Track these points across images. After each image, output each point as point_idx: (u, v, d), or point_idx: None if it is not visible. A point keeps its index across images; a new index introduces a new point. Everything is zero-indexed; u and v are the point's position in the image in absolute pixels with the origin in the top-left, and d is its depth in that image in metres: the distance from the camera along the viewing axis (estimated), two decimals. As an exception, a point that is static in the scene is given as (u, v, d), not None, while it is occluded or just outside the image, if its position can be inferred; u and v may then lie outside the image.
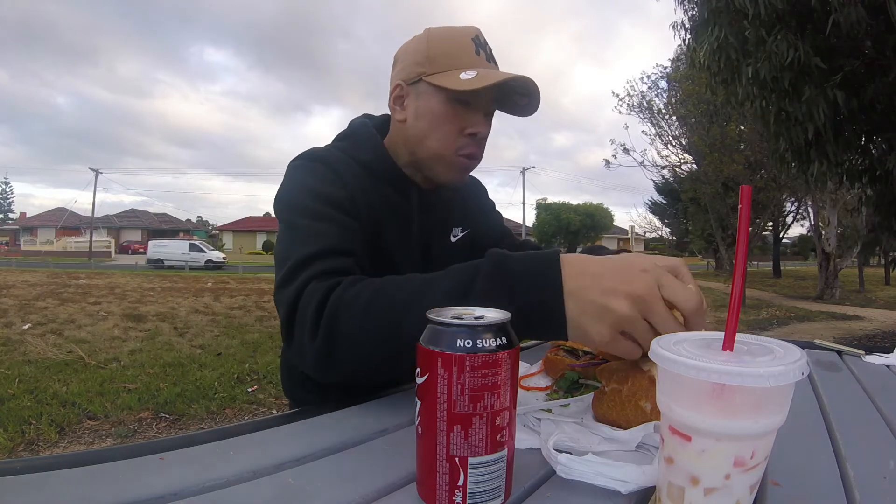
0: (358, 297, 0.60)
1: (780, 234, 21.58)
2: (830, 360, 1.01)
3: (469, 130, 0.84)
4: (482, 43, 0.85)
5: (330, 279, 0.64)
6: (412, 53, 0.85)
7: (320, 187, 0.79)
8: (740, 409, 0.33)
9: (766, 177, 12.58)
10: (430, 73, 0.82)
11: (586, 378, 0.70)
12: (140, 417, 3.25)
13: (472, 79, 0.78)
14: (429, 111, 0.83)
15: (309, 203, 0.77)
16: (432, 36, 0.84)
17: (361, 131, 0.92)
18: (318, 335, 0.61)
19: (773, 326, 8.42)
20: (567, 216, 34.37)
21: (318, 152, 0.86)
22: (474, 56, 0.82)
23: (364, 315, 0.59)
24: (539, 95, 0.84)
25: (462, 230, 1.01)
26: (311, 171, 0.83)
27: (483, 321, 0.39)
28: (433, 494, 0.39)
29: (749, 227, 0.38)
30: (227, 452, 0.49)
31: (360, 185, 0.83)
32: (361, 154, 0.88)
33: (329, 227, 0.74)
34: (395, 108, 0.88)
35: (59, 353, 4.84)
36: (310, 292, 0.63)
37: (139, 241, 45.03)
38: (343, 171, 0.83)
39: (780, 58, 3.99)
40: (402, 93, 0.86)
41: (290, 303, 0.65)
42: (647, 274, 0.52)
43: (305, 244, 0.70)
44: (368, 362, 0.61)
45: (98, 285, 11.96)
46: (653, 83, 16.50)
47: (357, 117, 0.98)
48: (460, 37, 0.83)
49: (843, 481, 0.47)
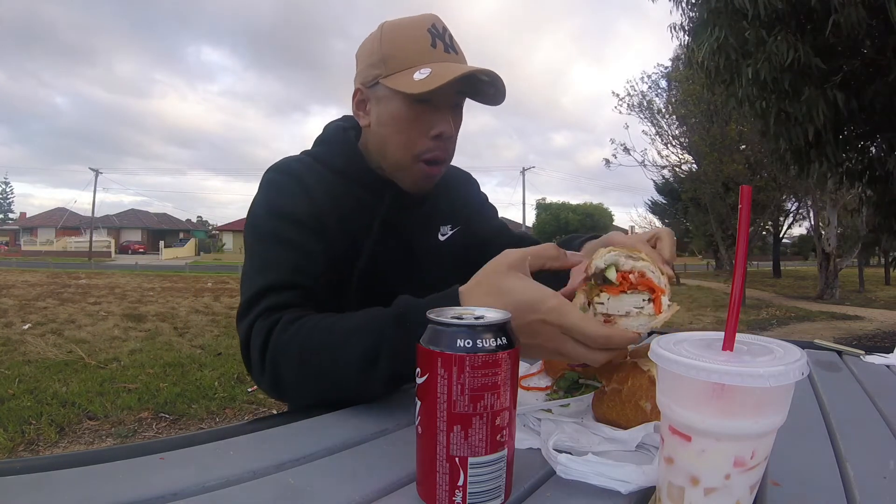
0: (289, 346, 0.65)
1: (780, 234, 21.59)
2: (830, 360, 1.01)
3: (433, 132, 0.80)
4: (439, 32, 0.80)
5: (273, 316, 0.69)
6: (367, 55, 0.82)
7: (284, 205, 0.79)
8: (740, 409, 0.33)
9: (766, 177, 12.59)
10: (385, 75, 0.78)
11: (586, 378, 0.69)
12: (140, 417, 3.25)
13: (425, 78, 0.74)
14: (389, 116, 0.80)
15: (270, 226, 0.78)
16: (385, 33, 0.80)
17: (335, 136, 0.90)
18: (264, 373, 0.67)
19: (773, 326, 8.42)
20: (566, 216, 34.39)
21: (288, 164, 0.84)
22: (430, 49, 0.78)
23: (298, 364, 0.64)
24: (503, 84, 0.79)
25: (451, 228, 0.98)
26: (278, 186, 0.82)
27: (483, 321, 0.39)
28: (433, 494, 0.39)
29: (749, 227, 0.38)
30: (227, 452, 0.49)
31: (331, 194, 0.82)
32: (334, 160, 0.86)
33: (284, 254, 0.75)
34: (358, 112, 0.86)
35: (59, 353, 4.84)
36: (255, 332, 0.68)
37: (139, 241, 45.07)
38: (312, 184, 0.81)
39: (780, 58, 3.99)
40: (363, 97, 0.84)
41: (242, 339, 0.71)
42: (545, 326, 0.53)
43: (259, 275, 0.74)
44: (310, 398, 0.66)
45: (98, 285, 11.96)
46: (653, 83, 16.50)
47: (334, 121, 0.95)
48: (414, 30, 0.79)
49: (843, 481, 0.47)
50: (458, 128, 0.85)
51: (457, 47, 0.82)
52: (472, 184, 1.09)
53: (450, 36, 0.82)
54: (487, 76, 0.77)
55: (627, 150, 15.57)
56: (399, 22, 0.81)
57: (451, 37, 0.82)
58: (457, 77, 0.73)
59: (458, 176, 1.07)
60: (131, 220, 47.63)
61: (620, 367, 0.59)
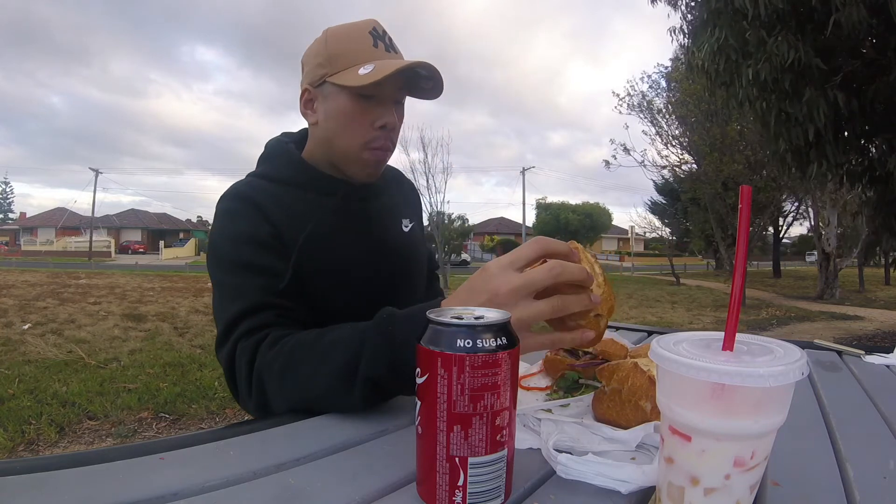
0: (274, 363, 0.66)
1: (780, 234, 21.59)
2: (830, 360, 1.01)
3: (378, 123, 0.84)
4: (380, 34, 0.85)
5: (254, 336, 0.71)
6: (314, 56, 0.86)
7: (242, 230, 0.81)
8: (740, 409, 0.33)
9: (766, 177, 12.58)
10: (331, 74, 0.83)
11: (586, 378, 0.70)
12: (140, 417, 3.25)
13: (370, 72, 0.79)
14: (336, 110, 0.84)
15: (231, 254, 0.79)
16: (330, 36, 0.85)
17: (276, 150, 0.93)
18: (251, 394, 0.69)
19: (773, 326, 8.42)
20: (566, 216, 34.38)
21: (237, 190, 0.86)
22: (372, 49, 0.83)
23: (281, 381, 0.65)
24: (441, 77, 0.84)
25: (410, 221, 1.02)
26: (232, 213, 0.83)
27: (483, 321, 0.39)
28: (433, 494, 0.39)
29: (749, 227, 0.38)
30: (227, 452, 0.49)
31: (284, 208, 0.84)
32: (281, 173, 0.89)
33: (251, 278, 0.77)
34: (306, 112, 0.90)
35: (59, 353, 4.84)
36: (240, 353, 0.71)
37: (139, 240, 45.07)
38: (265, 203, 0.83)
39: (781, 59, 3.99)
40: (311, 96, 0.88)
41: (225, 366, 0.74)
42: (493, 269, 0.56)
43: (231, 304, 0.75)
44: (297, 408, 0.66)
45: (98, 285, 11.96)
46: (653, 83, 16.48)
47: (273, 137, 0.98)
48: (357, 32, 0.84)
49: (843, 481, 0.47)
50: (401, 122, 0.89)
51: (396, 48, 0.88)
52: (413, 187, 1.15)
53: (389, 38, 0.87)
54: (426, 70, 0.82)
55: (627, 150, 15.55)
56: (342, 26, 0.87)
57: (390, 39, 0.88)
58: (399, 69, 0.78)
59: (404, 177, 1.12)
60: (131, 220, 47.61)
61: (620, 367, 0.59)
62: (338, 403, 0.62)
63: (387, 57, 0.84)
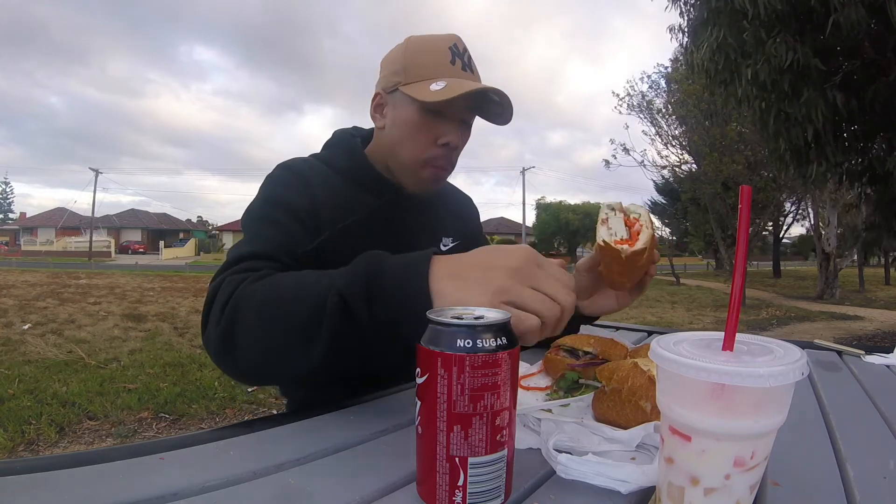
0: (257, 287, 0.63)
1: (780, 234, 21.58)
2: (830, 360, 1.01)
3: (442, 140, 0.85)
4: (459, 52, 0.86)
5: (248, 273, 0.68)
6: (391, 63, 0.88)
7: (282, 194, 0.83)
8: (740, 409, 0.33)
9: (766, 177, 12.58)
10: (405, 83, 0.84)
11: (586, 378, 0.70)
12: (140, 417, 3.25)
13: (440, 90, 0.80)
14: (403, 121, 0.85)
15: (264, 209, 0.81)
16: (410, 45, 0.86)
17: (341, 140, 0.96)
18: (220, 322, 0.63)
19: (773, 326, 8.42)
20: (566, 216, 34.36)
21: (294, 162, 0.90)
22: (448, 65, 0.84)
23: (257, 307, 0.61)
24: (510, 105, 0.85)
25: (453, 241, 1.01)
26: (279, 180, 0.86)
27: (483, 321, 0.39)
28: (433, 494, 0.39)
29: (749, 227, 0.38)
30: (227, 452, 0.49)
31: (331, 192, 0.86)
32: (338, 161, 0.91)
33: (273, 233, 0.77)
34: (375, 115, 0.91)
35: (59, 353, 4.84)
36: (226, 285, 0.66)
37: (139, 240, 45.05)
38: (313, 180, 0.85)
39: (779, 61, 3.99)
40: (382, 101, 0.89)
41: (209, 293, 0.68)
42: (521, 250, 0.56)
43: (244, 245, 0.75)
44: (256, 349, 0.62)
45: (98, 285, 11.96)
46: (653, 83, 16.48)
47: (343, 128, 1.01)
48: (437, 45, 0.85)
49: (843, 481, 0.47)
50: (464, 142, 0.89)
51: (474, 68, 0.88)
52: (473, 208, 1.15)
53: (469, 57, 0.88)
54: (497, 95, 0.82)
55: (627, 150, 15.54)
56: (424, 37, 0.88)
57: (469, 57, 0.88)
58: (469, 92, 0.79)
59: (462, 195, 1.12)
60: (131, 220, 47.59)
61: (620, 367, 0.59)
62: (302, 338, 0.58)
63: (462, 76, 0.85)
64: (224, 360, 0.65)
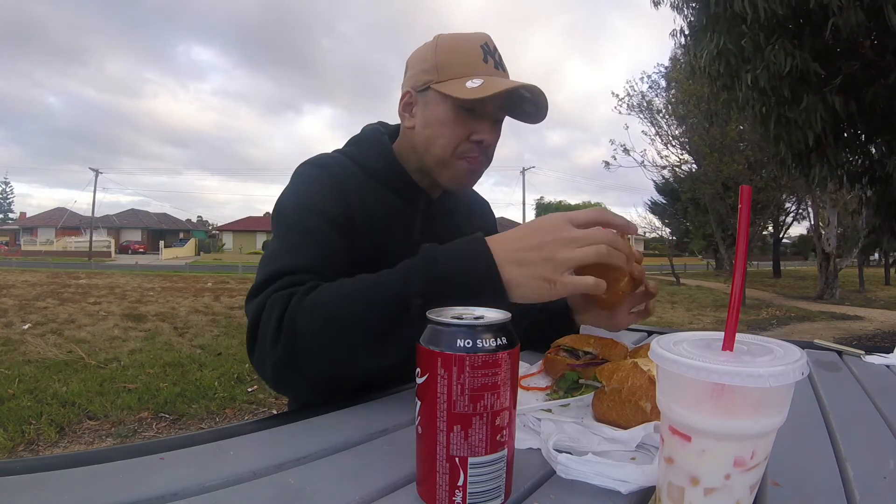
0: (314, 302, 0.63)
1: (780, 234, 21.57)
2: (830, 360, 1.01)
3: (475, 137, 0.84)
4: (491, 50, 0.85)
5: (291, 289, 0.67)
6: (420, 61, 0.86)
7: (316, 197, 0.81)
8: (740, 409, 0.33)
9: (766, 177, 12.58)
10: (437, 81, 0.83)
11: (586, 378, 0.70)
12: (140, 417, 3.25)
13: (477, 87, 0.79)
14: (436, 119, 0.84)
15: (300, 215, 0.80)
16: (440, 44, 0.85)
17: (371, 137, 0.93)
18: (279, 342, 0.63)
19: (773, 326, 8.42)
20: (567, 216, 34.29)
21: (324, 159, 0.87)
22: (482, 64, 0.83)
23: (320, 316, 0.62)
24: (546, 103, 0.84)
25: None
26: (312, 178, 0.84)
27: (483, 321, 0.39)
28: (433, 494, 0.39)
29: (749, 227, 0.38)
30: (227, 452, 0.49)
31: (362, 192, 0.85)
32: (368, 161, 0.89)
33: (309, 243, 0.76)
34: (404, 114, 0.90)
35: (59, 353, 4.84)
36: (271, 303, 0.66)
37: (139, 240, 45.05)
38: (345, 179, 0.84)
39: (778, 67, 3.99)
40: (412, 100, 0.88)
41: (252, 316, 0.68)
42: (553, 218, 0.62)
43: (282, 258, 0.73)
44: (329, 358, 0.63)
45: (98, 285, 11.96)
46: (653, 83, 16.49)
47: (370, 124, 0.99)
48: (469, 44, 0.84)
49: (843, 481, 0.47)
50: (496, 140, 0.89)
51: (504, 66, 0.88)
52: (490, 212, 1.15)
53: (499, 55, 0.87)
54: (530, 92, 0.82)
55: (627, 150, 15.53)
56: (454, 35, 0.87)
57: (500, 56, 0.87)
58: (508, 89, 0.78)
59: (481, 200, 1.12)
60: (131, 220, 47.58)
61: (620, 367, 0.59)
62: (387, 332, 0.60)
63: (495, 74, 0.84)
64: (283, 378, 0.66)
